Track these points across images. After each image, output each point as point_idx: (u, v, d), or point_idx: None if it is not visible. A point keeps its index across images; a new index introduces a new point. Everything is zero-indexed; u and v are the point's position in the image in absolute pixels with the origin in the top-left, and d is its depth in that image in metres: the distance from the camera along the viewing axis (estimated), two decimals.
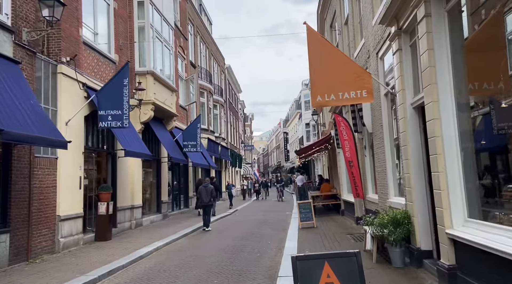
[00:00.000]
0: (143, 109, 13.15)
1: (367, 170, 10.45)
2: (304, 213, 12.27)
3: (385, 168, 8.16)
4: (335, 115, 11.17)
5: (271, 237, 11.16)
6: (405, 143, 6.40)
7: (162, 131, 14.93)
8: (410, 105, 6.36)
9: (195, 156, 17.61)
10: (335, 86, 6.99)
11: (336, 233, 10.65)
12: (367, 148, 10.38)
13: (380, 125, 8.33)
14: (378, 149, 8.60)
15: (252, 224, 14.52)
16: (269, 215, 17.96)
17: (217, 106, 28.30)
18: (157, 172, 15.54)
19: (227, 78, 34.25)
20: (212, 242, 10.57)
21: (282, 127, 75.21)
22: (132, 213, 12.71)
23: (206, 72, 25.22)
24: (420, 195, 6.20)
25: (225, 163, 31.94)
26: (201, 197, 12.91)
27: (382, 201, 8.51)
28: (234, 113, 39.42)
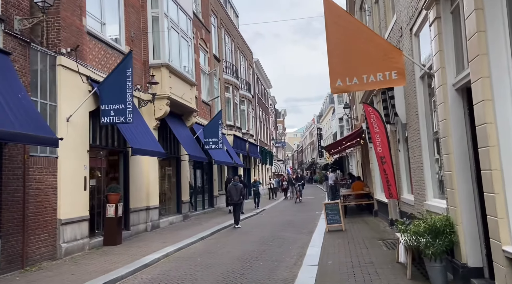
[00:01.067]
0: (158, 104, 12.47)
1: (401, 166, 9.13)
2: (331, 215, 11.10)
3: (421, 164, 6.88)
4: (364, 105, 9.91)
5: (294, 241, 10.11)
6: (445, 134, 5.15)
7: (180, 128, 14.23)
8: (452, 87, 5.10)
9: (217, 153, 16.81)
10: (359, 68, 5.83)
11: (366, 238, 9.42)
12: (401, 142, 9.05)
13: (415, 114, 7.05)
14: (413, 142, 7.31)
15: (277, 225, 13.51)
16: (297, 215, 16.87)
17: (244, 101, 27.44)
18: (177, 170, 14.89)
19: (255, 72, 33.31)
20: (228, 247, 9.68)
21: (315, 123, 73.41)
22: (148, 215, 12.08)
23: (231, 67, 24.40)
24: (465, 198, 4.95)
25: (254, 160, 31.08)
26: (231, 196, 13.31)
27: (418, 203, 7.23)
28: (264, 109, 38.45)
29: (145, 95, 12.18)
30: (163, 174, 14.42)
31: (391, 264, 6.59)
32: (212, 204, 19.19)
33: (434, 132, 6.42)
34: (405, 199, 8.68)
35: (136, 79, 12.02)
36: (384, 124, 9.43)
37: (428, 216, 5.65)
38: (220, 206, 20.09)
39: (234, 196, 13.04)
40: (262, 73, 37.31)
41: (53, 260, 7.87)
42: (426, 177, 6.75)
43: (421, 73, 6.74)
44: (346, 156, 38.36)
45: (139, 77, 12.20)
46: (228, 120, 23.10)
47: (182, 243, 9.93)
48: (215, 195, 19.59)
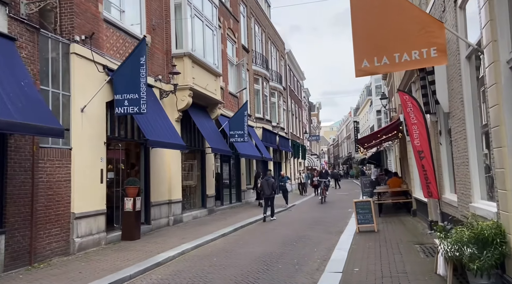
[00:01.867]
0: (180, 95, 12.02)
1: (443, 162, 8.07)
2: (362, 214, 10.20)
3: (466, 159, 5.89)
4: (399, 93, 8.89)
5: (320, 242, 9.34)
6: (497, 122, 4.20)
7: (204, 120, 13.74)
8: (506, 65, 4.13)
9: (243, 146, 16.22)
10: (389, 45, 4.95)
11: (401, 241, 8.48)
12: (443, 134, 7.99)
13: (460, 101, 6.04)
14: (457, 134, 6.30)
15: (304, 223, 12.75)
16: (327, 212, 15.99)
17: (275, 94, 26.65)
18: (201, 163, 14.46)
19: (287, 64, 32.36)
20: (249, 246, 9.08)
21: (352, 116, 71.22)
22: (170, 209, 11.71)
23: (262, 58, 23.67)
24: None
25: (285, 154, 30.29)
26: (263, 190, 13.70)
27: (463, 205, 6.24)
28: (297, 102, 37.44)
29: (167, 86, 11.76)
30: (187, 167, 14.03)
31: (428, 275, 5.68)
32: (240, 198, 18.69)
33: (483, 125, 5.42)
34: (447, 199, 7.65)
35: (158, 69, 11.64)
36: (423, 114, 8.39)
37: (474, 221, 4.72)
38: (248, 200, 19.57)
39: (266, 190, 13.34)
40: (295, 64, 36.25)
41: (65, 256, 7.61)
42: (472, 175, 5.76)
43: (467, 52, 5.72)
44: (384, 150, 36.66)
45: (160, 67, 11.79)
46: (257, 112, 22.45)
47: (201, 240, 9.45)
48: (242, 189, 19.07)
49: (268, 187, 13.30)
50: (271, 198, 13.34)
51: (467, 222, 4.79)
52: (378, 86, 41.61)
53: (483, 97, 5.35)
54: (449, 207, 7.44)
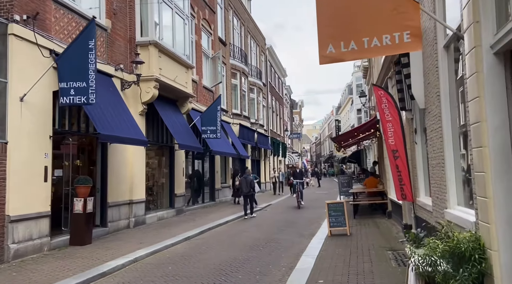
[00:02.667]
0: (144, 87, 11.17)
1: (418, 162, 7.52)
2: (334, 217, 9.60)
3: (442, 160, 5.30)
4: (374, 88, 8.29)
5: (290, 246, 8.70)
6: (477, 118, 3.59)
7: (172, 114, 12.91)
8: (489, 50, 3.51)
9: (216, 143, 15.46)
10: (358, 28, 4.29)
11: (373, 247, 7.90)
12: (419, 132, 7.43)
13: (436, 96, 5.45)
14: (433, 132, 5.72)
15: (277, 225, 12.11)
16: (303, 213, 15.39)
17: (254, 89, 25.93)
18: (170, 161, 13.63)
19: (267, 59, 31.67)
20: (212, 251, 8.35)
21: (334, 115, 71.26)
22: (131, 209, 10.87)
23: (240, 52, 22.91)
24: (505, 211, 3.39)
25: (264, 151, 29.65)
26: (241, 188, 14.08)
27: (438, 210, 5.66)
28: (278, 99, 36.82)
29: (130, 77, 10.89)
30: (154, 164, 13.20)
31: None
32: (214, 197, 17.93)
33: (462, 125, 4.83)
34: (421, 202, 7.09)
35: (120, 58, 10.75)
36: (398, 111, 7.80)
37: (449, 231, 4.11)
38: (222, 199, 18.84)
39: (244, 188, 13.70)
40: (276, 61, 35.59)
41: None
42: (448, 178, 5.17)
43: (445, 41, 5.12)
44: (364, 149, 36.48)
45: (123, 56, 10.90)
46: (234, 108, 21.71)
47: (160, 245, 8.68)
48: (217, 188, 18.32)
49: (247, 185, 13.62)
50: (249, 195, 13.72)
51: (442, 232, 4.18)
52: (359, 85, 41.43)
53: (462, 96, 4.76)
54: (423, 211, 6.88)
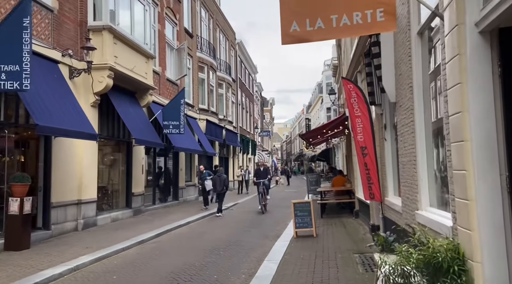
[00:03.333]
0: (97, 76, 10.22)
1: (387, 160, 7.10)
2: (300, 217, 9.09)
3: (413, 157, 4.85)
4: (343, 81, 7.82)
5: (252, 249, 8.10)
6: (459, 108, 3.10)
7: (130, 107, 11.99)
8: (474, 28, 3.02)
9: (180, 139, 14.64)
10: (325, 4, 3.72)
11: (340, 249, 7.42)
12: (388, 128, 7.01)
13: (408, 88, 4.99)
14: (404, 126, 5.26)
15: (241, 226, 11.49)
16: (270, 212, 14.80)
17: (223, 85, 25.17)
18: (127, 157, 12.69)
19: (238, 55, 30.97)
20: (167, 257, 7.61)
21: (305, 114, 71.60)
22: (79, 210, 9.91)
23: (208, 45, 22.09)
24: (490, 215, 2.91)
25: (233, 149, 28.97)
26: (215, 186, 14.02)
27: (408, 211, 5.22)
28: (248, 96, 36.20)
29: (80, 64, 9.92)
30: (109, 161, 12.24)
31: None
32: (177, 196, 17.06)
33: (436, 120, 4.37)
34: (390, 202, 6.67)
35: (68, 43, 9.75)
36: (367, 105, 7.38)
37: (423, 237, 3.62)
38: (187, 199, 18.01)
39: (218, 186, 13.78)
40: (247, 56, 34.95)
41: None
42: (420, 176, 4.72)
43: (419, 27, 4.65)
44: (333, 148, 36.59)
45: (72, 41, 9.91)
46: (201, 103, 20.89)
47: (109, 249, 7.84)
48: (181, 187, 17.45)
49: (220, 183, 13.74)
50: (222, 193, 13.81)
51: (415, 238, 3.69)
52: (329, 84, 41.55)
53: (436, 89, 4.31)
54: (392, 212, 6.46)
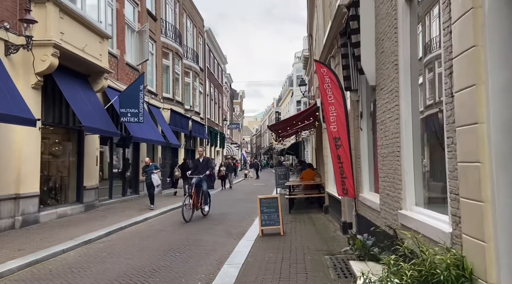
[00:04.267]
0: (39, 53, 8.97)
1: (362, 152, 6.44)
2: (267, 214, 8.34)
3: (397, 148, 4.16)
4: (316, 64, 7.09)
5: (213, 250, 7.26)
6: (471, 80, 2.37)
7: (80, 91, 10.75)
8: None
9: (140, 129, 13.52)
10: None
11: (309, 250, 6.72)
12: (365, 116, 6.34)
13: (393, 66, 4.28)
14: (386, 113, 4.56)
15: (203, 222, 10.60)
16: (236, 206, 14.09)
17: (189, 73, 23.99)
18: (78, 147, 11.46)
19: (206, 43, 29.76)
20: (115, 259, 6.64)
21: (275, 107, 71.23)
22: (17, 206, 8.70)
23: (174, 30, 20.83)
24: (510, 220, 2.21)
25: (200, 141, 27.89)
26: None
27: (388, 211, 4.54)
28: (217, 87, 35.09)
29: (18, 39, 8.64)
30: (57, 150, 10.99)
31: None
32: (137, 190, 15.94)
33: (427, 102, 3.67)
34: (365, 199, 6.01)
35: (4, 14, 8.44)
36: (342, 92, 6.68)
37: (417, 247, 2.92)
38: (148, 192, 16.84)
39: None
40: (216, 45, 33.76)
41: None
42: (404, 170, 4.04)
43: None
44: (302, 141, 36.24)
45: (9, 12, 8.60)
46: (165, 92, 19.69)
47: (46, 252, 6.78)
48: (141, 180, 16.25)
49: None
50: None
51: (404, 247, 2.97)
52: (299, 76, 41.13)
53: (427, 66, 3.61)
54: (367, 210, 5.81)
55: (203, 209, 11.10)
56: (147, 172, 12.66)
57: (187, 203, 10.43)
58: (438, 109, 3.41)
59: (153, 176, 12.53)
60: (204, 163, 11.37)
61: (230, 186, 22.41)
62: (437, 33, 3.48)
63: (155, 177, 12.56)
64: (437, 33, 3.49)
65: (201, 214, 11.14)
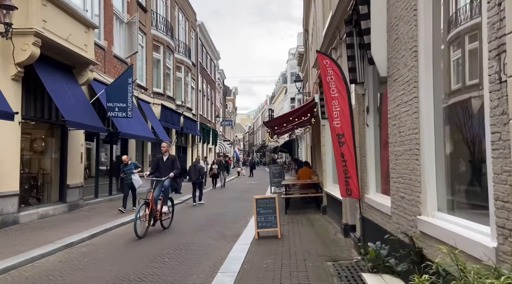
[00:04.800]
0: (20, 42, 8.35)
1: (368, 149, 5.94)
2: (263, 215, 7.84)
3: (415, 145, 3.67)
4: (319, 55, 6.58)
5: (205, 255, 6.75)
6: None
7: (63, 83, 10.11)
8: None
9: (128, 124, 12.91)
10: None
11: (310, 255, 6.23)
12: (372, 111, 5.84)
13: (411, 53, 3.79)
14: (401, 106, 4.07)
15: (196, 223, 10.10)
16: (230, 206, 13.60)
17: (181, 68, 23.34)
18: (62, 143, 10.82)
19: (199, 37, 29.09)
20: (95, 266, 6.09)
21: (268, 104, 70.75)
22: None
23: (165, 23, 20.16)
24: None
25: (192, 138, 27.28)
26: (190, 175, 14.48)
27: (403, 215, 4.05)
28: (209, 82, 34.45)
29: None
30: (38, 147, 10.36)
31: None
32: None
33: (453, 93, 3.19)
34: (372, 200, 5.53)
35: None
36: (346, 85, 6.18)
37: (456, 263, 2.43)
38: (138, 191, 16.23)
39: (193, 176, 14.07)
40: (209, 40, 33.09)
41: None
42: (425, 169, 3.55)
43: None
44: (296, 139, 35.82)
45: None
46: (156, 87, 19.05)
47: (23, 257, 6.22)
48: None
49: (195, 172, 14.04)
50: (198, 183, 14.08)
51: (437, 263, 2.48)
52: (293, 73, 40.65)
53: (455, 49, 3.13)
54: (375, 213, 5.33)
55: (162, 221, 8.81)
56: (126, 171, 11.12)
57: (141, 214, 8.11)
58: (471, 99, 2.93)
59: (134, 177, 11.08)
60: (169, 162, 8.87)
61: (222, 184, 21.84)
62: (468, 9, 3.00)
63: (135, 178, 11.11)
64: (468, 9, 3.01)
65: (161, 227, 8.81)
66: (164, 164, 8.87)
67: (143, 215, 8.19)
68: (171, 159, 9.05)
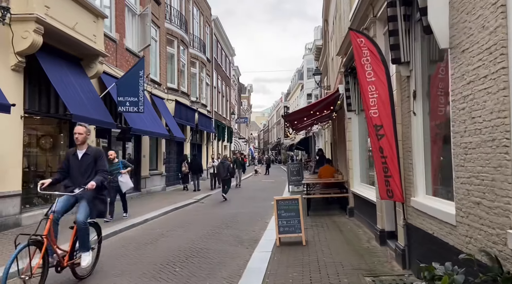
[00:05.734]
0: (20, 29, 7.69)
1: (415, 143, 4.96)
2: (285, 219, 6.97)
3: (502, 133, 2.74)
4: (352, 33, 5.65)
5: (220, 264, 5.93)
6: None
7: (70, 76, 9.44)
8: None
9: (141, 120, 12.23)
10: None
11: (343, 268, 5.33)
12: (420, 96, 4.87)
13: (492, 11, 2.86)
14: (475, 82, 3.13)
15: (210, 225, 9.31)
16: (245, 206, 12.78)
17: (196, 63, 22.63)
18: (70, 139, 10.16)
19: (213, 33, 28.33)
20: (101, 275, 5.34)
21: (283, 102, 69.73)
22: None
23: (179, 16, 19.47)
24: None
25: (207, 135, 26.58)
26: (219, 173, 15.21)
27: (479, 227, 3.12)
28: (224, 79, 33.70)
29: None
30: (44, 143, 9.74)
31: None
32: (139, 187, 14.66)
33: None
34: (421, 205, 4.57)
35: None
36: (385, 67, 5.25)
37: None
38: (151, 190, 15.64)
39: (222, 173, 14.76)
40: (223, 36, 32.32)
41: None
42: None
43: None
44: (312, 136, 34.76)
45: None
46: (170, 82, 18.37)
47: None
48: (143, 176, 15.05)
49: (224, 170, 14.70)
50: (226, 179, 14.67)
51: None
52: (310, 69, 39.58)
53: None
54: (426, 220, 4.38)
55: (76, 264, 4.90)
56: (113, 171, 8.86)
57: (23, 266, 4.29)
58: None
59: (121, 178, 9.06)
60: (88, 160, 4.96)
61: (238, 183, 20.91)
62: None
63: (123, 179, 9.10)
64: None
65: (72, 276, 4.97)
66: (78, 164, 4.95)
67: (26, 268, 4.23)
68: (93, 154, 5.02)
